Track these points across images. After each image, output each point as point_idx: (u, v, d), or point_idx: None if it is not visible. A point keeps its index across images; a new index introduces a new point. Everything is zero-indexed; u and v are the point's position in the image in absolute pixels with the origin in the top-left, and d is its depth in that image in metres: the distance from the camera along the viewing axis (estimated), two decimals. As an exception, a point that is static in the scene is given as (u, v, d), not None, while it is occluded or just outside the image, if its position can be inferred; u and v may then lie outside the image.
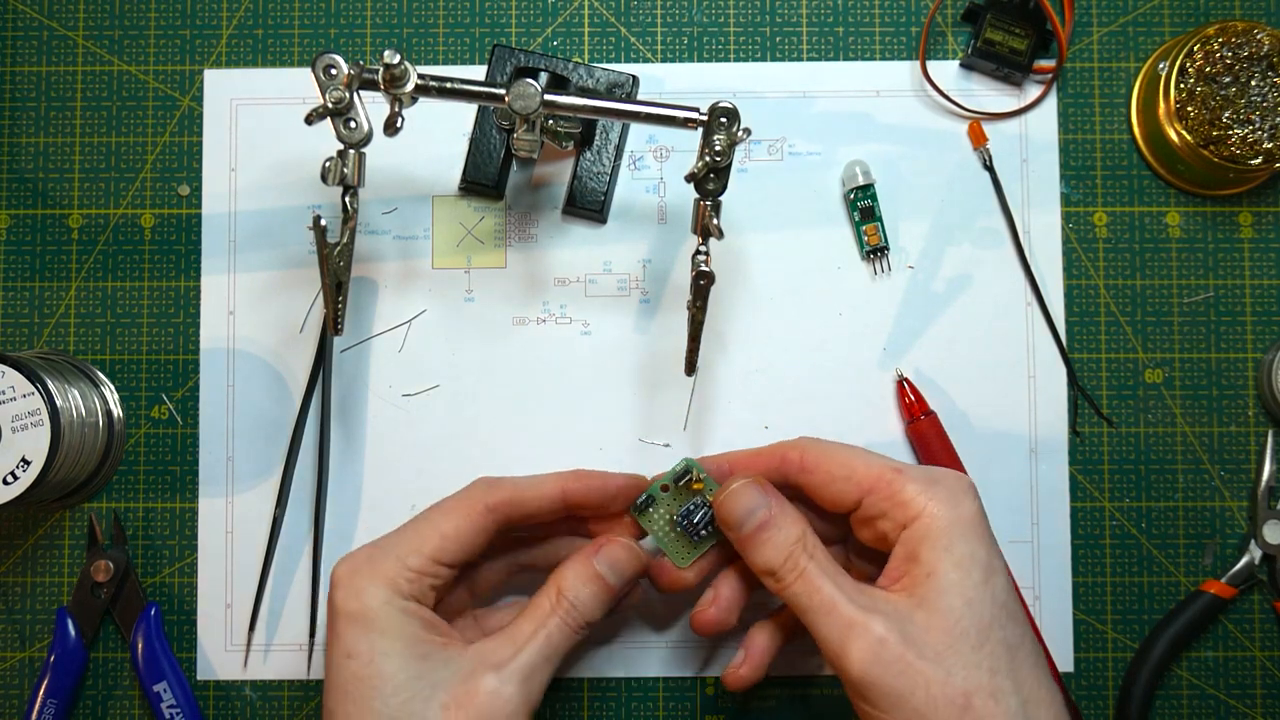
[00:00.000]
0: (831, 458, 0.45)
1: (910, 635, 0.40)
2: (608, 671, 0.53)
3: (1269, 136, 0.50)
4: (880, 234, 0.53)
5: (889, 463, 0.44)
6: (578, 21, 0.55)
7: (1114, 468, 0.53)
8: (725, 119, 0.44)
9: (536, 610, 0.44)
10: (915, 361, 0.53)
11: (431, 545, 0.44)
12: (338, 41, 0.55)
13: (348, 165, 0.46)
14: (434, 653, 0.42)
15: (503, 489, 0.45)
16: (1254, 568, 0.52)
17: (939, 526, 0.41)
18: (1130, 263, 0.54)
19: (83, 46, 0.55)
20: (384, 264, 0.54)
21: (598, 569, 0.45)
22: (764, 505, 0.44)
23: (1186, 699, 0.53)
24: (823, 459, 0.45)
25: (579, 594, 0.45)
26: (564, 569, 0.45)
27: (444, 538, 0.44)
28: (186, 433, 0.53)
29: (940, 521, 0.41)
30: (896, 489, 0.42)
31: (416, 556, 0.43)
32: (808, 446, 0.46)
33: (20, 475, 0.47)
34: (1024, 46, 0.53)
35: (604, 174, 0.52)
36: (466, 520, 0.44)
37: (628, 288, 0.54)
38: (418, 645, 0.42)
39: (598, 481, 0.47)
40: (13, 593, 0.53)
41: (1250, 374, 0.53)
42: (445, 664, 0.42)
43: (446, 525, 0.44)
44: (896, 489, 0.42)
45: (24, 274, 0.54)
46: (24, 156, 0.54)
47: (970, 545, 0.41)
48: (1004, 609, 0.41)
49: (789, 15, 0.55)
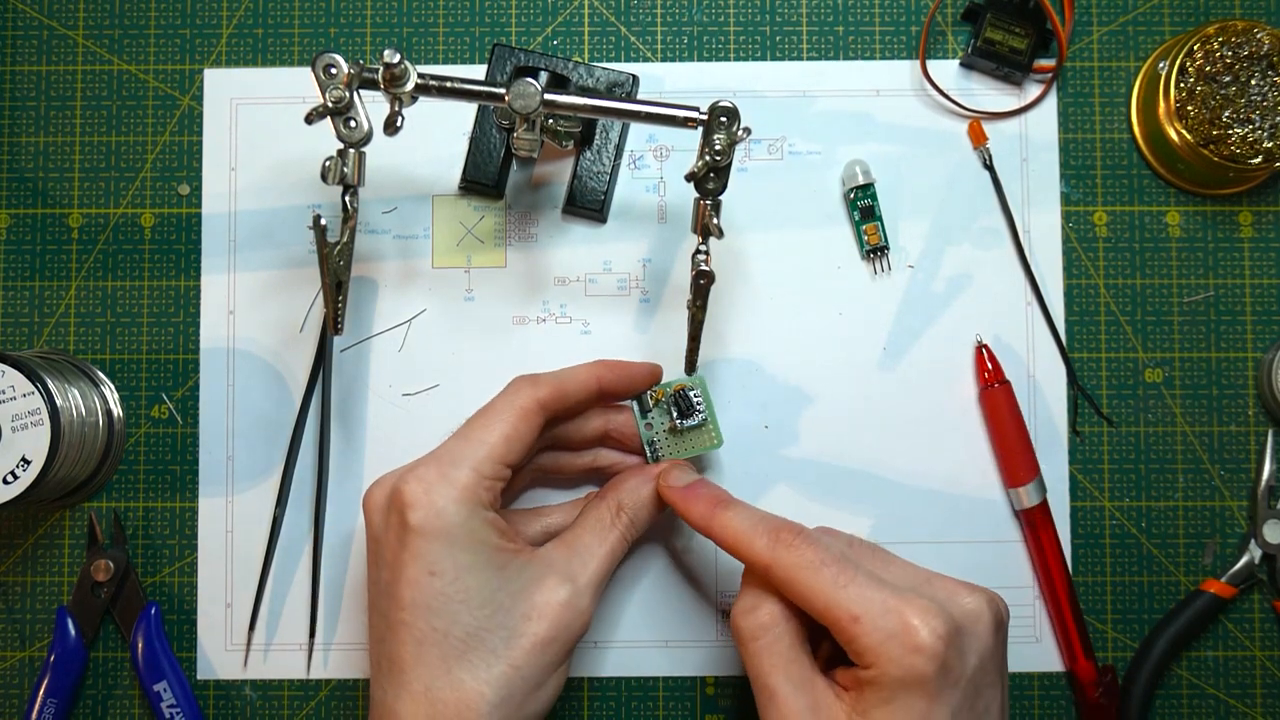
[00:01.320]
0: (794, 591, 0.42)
1: None
2: (608, 671, 0.53)
3: (1269, 136, 0.50)
4: (880, 233, 0.53)
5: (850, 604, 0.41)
6: (578, 21, 0.55)
7: (1114, 468, 0.53)
8: (725, 118, 0.44)
9: (598, 523, 0.47)
10: (915, 361, 0.53)
11: (499, 449, 0.44)
12: (338, 41, 0.55)
13: (348, 165, 0.46)
14: (509, 561, 0.44)
15: (547, 383, 0.46)
16: (1254, 567, 0.52)
17: (885, 682, 0.40)
18: (1130, 262, 0.54)
19: (83, 46, 0.55)
20: (384, 263, 0.54)
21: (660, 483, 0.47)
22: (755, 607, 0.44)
23: (1186, 699, 0.53)
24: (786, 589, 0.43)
25: (639, 510, 0.47)
26: (623, 485, 0.48)
27: (508, 439, 0.45)
28: (186, 432, 0.53)
29: (887, 678, 0.40)
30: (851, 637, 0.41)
31: (489, 463, 0.44)
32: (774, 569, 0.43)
33: (20, 475, 0.47)
34: (1024, 46, 0.53)
35: (604, 173, 0.52)
36: (523, 419, 0.45)
37: (628, 287, 0.54)
38: (496, 555, 0.43)
39: (624, 369, 0.49)
40: (13, 592, 0.53)
41: (1250, 374, 0.53)
42: (520, 572, 0.44)
43: (506, 427, 0.45)
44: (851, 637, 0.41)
45: (24, 274, 0.54)
46: (24, 156, 0.54)
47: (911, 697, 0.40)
48: None
49: (789, 15, 0.55)
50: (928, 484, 0.53)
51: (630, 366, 0.49)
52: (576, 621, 0.44)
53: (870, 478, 0.53)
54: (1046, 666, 0.52)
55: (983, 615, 0.42)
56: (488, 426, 0.45)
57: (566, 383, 0.47)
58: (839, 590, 0.41)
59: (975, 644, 0.41)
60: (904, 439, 0.53)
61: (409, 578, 0.43)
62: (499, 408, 0.46)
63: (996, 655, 0.42)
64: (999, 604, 0.43)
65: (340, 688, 0.53)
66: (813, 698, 0.41)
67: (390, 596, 0.43)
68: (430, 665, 0.42)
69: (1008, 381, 0.52)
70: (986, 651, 0.41)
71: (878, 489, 0.53)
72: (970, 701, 0.41)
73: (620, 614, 0.53)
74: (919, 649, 0.40)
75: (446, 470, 0.44)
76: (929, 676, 0.39)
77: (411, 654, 0.42)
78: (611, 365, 0.49)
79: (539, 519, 0.50)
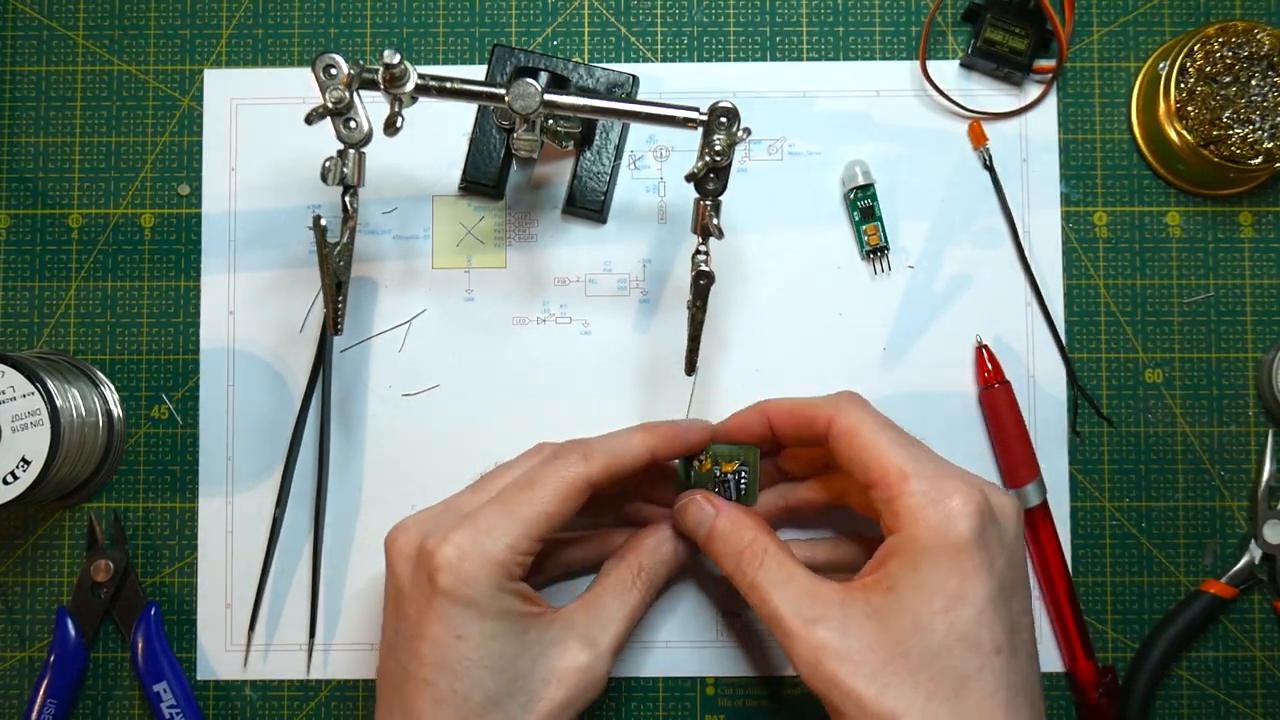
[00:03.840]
0: (852, 441, 0.44)
1: (849, 649, 0.40)
2: (608, 671, 0.53)
3: (1269, 136, 0.50)
4: (880, 234, 0.53)
5: (902, 462, 0.42)
6: (578, 21, 0.55)
7: (1114, 468, 0.53)
8: (725, 119, 0.44)
9: (619, 584, 0.46)
10: (915, 361, 0.53)
11: (538, 526, 0.43)
12: (338, 41, 0.55)
13: (348, 165, 0.46)
14: (532, 625, 0.43)
15: (599, 458, 0.45)
16: (1254, 568, 0.52)
17: (913, 548, 0.40)
18: (1130, 263, 0.54)
19: (83, 46, 0.55)
20: (384, 264, 0.54)
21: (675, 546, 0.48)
22: (707, 518, 0.46)
23: (1186, 699, 0.53)
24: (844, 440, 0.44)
25: (658, 570, 0.47)
26: (642, 544, 0.47)
27: (549, 516, 0.43)
28: (186, 433, 0.53)
29: (916, 543, 0.40)
30: (895, 495, 0.42)
31: (527, 540, 0.43)
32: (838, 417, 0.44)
33: (20, 475, 0.47)
34: (1024, 46, 0.53)
35: (604, 174, 0.52)
36: (570, 497, 0.44)
37: (628, 287, 0.54)
38: (520, 621, 0.43)
39: (677, 437, 0.47)
40: (13, 593, 0.53)
41: (1250, 374, 0.53)
42: (541, 635, 0.43)
43: (550, 505, 0.43)
44: (895, 495, 0.42)
45: (24, 274, 0.54)
46: (24, 156, 0.54)
47: (940, 573, 0.40)
48: (963, 640, 0.39)
49: (789, 15, 0.55)
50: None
51: (684, 433, 0.48)
52: (595, 686, 0.44)
53: (870, 478, 0.53)
54: (1046, 666, 0.52)
55: (1013, 512, 0.43)
56: (530, 501, 0.43)
57: (620, 457, 0.45)
58: (897, 448, 0.42)
59: (1005, 538, 0.42)
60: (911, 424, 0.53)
61: (432, 636, 0.42)
62: (546, 479, 0.44)
63: (1021, 562, 0.43)
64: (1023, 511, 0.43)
65: (340, 688, 0.53)
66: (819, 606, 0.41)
67: (410, 651, 0.42)
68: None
69: (1008, 382, 0.52)
70: (1016, 551, 0.42)
71: (878, 489, 0.53)
72: (1006, 597, 0.41)
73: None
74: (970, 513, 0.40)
75: (482, 541, 0.42)
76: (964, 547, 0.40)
77: (429, 712, 0.42)
78: (664, 434, 0.47)
79: (559, 555, 0.50)
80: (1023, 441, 0.52)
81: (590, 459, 0.44)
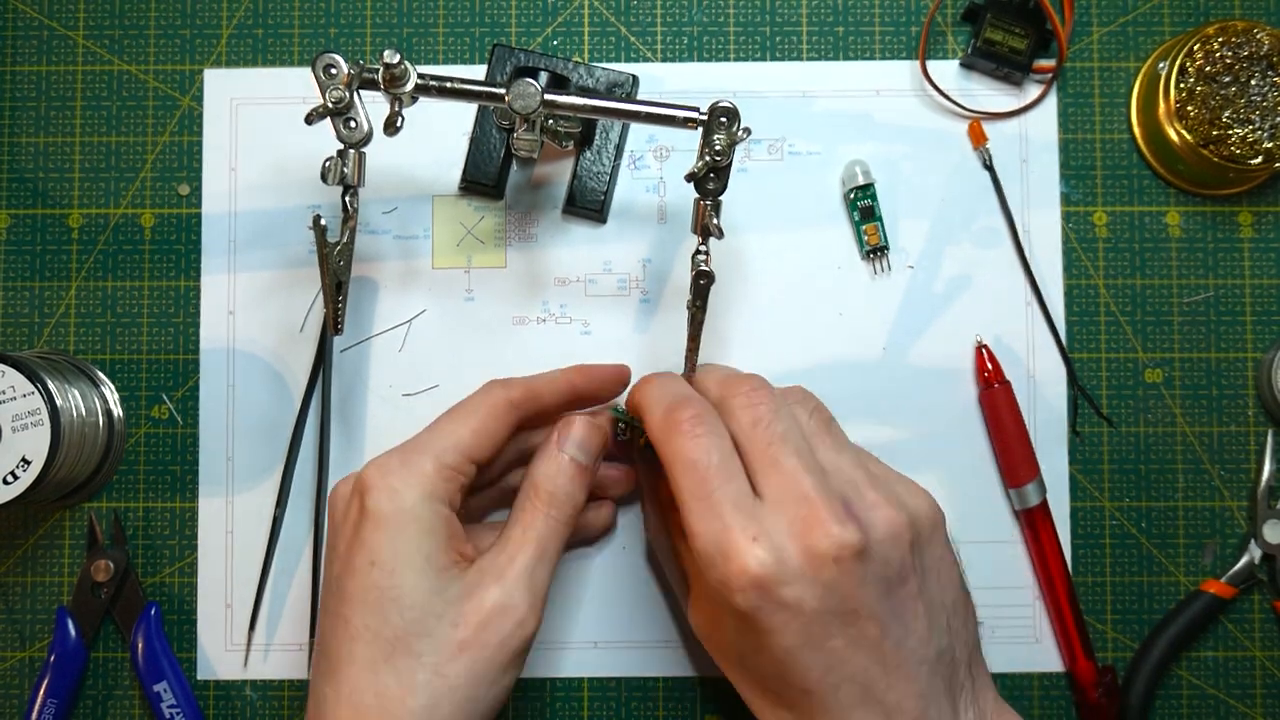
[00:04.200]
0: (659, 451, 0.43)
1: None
2: (608, 671, 0.53)
3: (1269, 136, 0.50)
4: (880, 234, 0.53)
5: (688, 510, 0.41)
6: (578, 21, 0.55)
7: (1114, 468, 0.53)
8: (725, 119, 0.44)
9: (520, 513, 0.45)
10: (915, 361, 0.53)
11: (465, 441, 0.44)
12: (338, 41, 0.55)
13: (348, 165, 0.46)
14: (451, 566, 0.43)
15: (519, 384, 0.46)
16: (1254, 568, 0.52)
17: (710, 599, 0.43)
18: (1130, 263, 0.54)
19: (83, 46, 0.55)
20: (384, 264, 0.54)
21: (566, 454, 0.45)
22: None
23: (1186, 699, 0.53)
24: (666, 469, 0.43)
25: (555, 484, 0.45)
26: (535, 465, 0.46)
27: (475, 433, 0.44)
28: (186, 433, 0.53)
29: (711, 598, 0.42)
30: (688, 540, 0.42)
31: (452, 453, 0.43)
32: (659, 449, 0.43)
33: (20, 475, 0.47)
34: (1024, 46, 0.53)
35: (604, 174, 0.52)
36: (492, 415, 0.45)
37: (628, 288, 0.54)
38: (439, 555, 0.42)
39: (598, 372, 0.49)
40: (13, 593, 0.53)
41: (1250, 374, 0.53)
42: (456, 580, 0.42)
43: (474, 421, 0.44)
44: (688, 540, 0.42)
45: (24, 274, 0.54)
46: (24, 156, 0.54)
47: (737, 630, 0.42)
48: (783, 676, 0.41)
49: (789, 15, 0.55)
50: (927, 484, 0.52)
51: (603, 370, 0.49)
52: (508, 623, 0.42)
53: (870, 478, 0.53)
54: (1046, 667, 0.52)
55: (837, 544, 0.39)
56: (456, 420, 0.45)
57: (540, 385, 0.47)
58: (688, 481, 0.41)
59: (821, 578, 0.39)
60: (904, 439, 0.53)
61: (353, 567, 0.42)
62: (469, 404, 0.46)
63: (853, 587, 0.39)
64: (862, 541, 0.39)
65: (340, 688, 0.53)
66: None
67: (336, 591, 0.43)
68: (358, 665, 0.41)
69: (1008, 382, 0.52)
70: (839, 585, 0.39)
71: (878, 489, 0.53)
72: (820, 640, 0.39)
73: (620, 614, 0.53)
74: (732, 589, 0.39)
75: (409, 457, 0.43)
76: (745, 615, 0.39)
77: (345, 652, 0.42)
78: (585, 370, 0.49)
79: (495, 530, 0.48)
80: (1023, 441, 0.52)
81: (510, 385, 0.46)
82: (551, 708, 0.52)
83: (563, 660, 0.52)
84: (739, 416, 0.42)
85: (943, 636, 0.42)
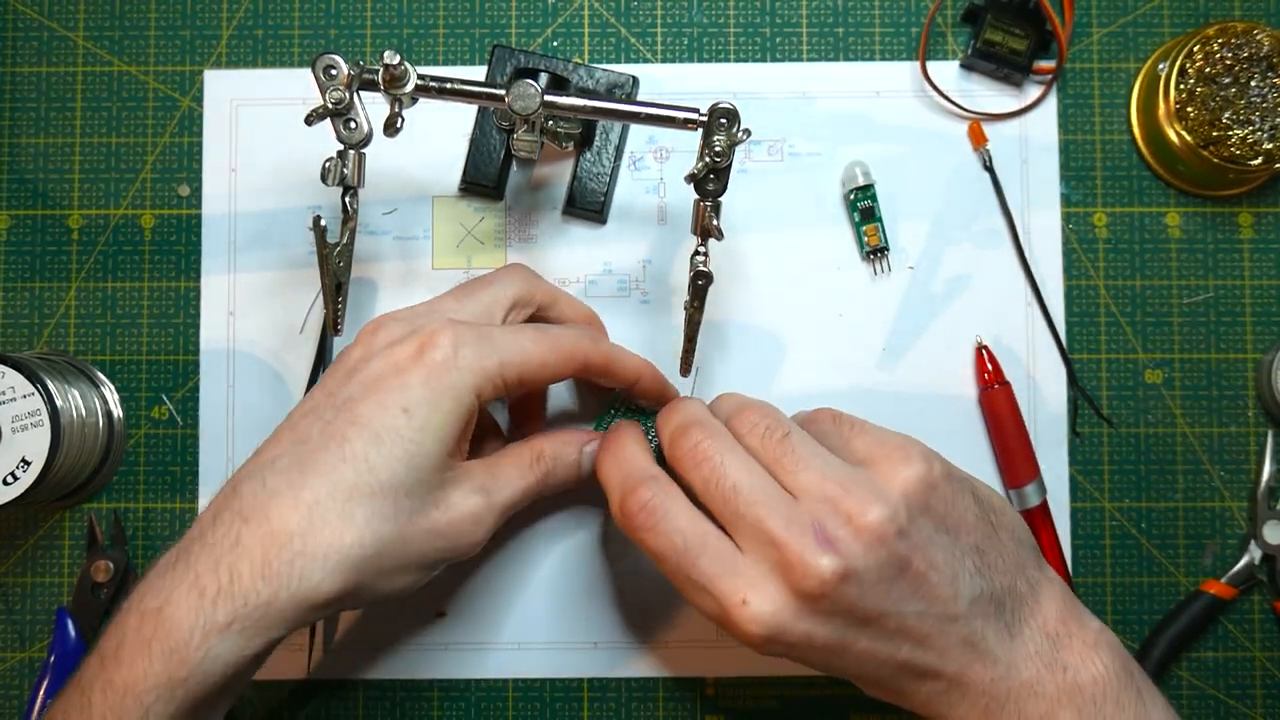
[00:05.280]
0: None
1: None
2: (608, 671, 0.53)
3: (1269, 137, 0.50)
4: (880, 234, 0.53)
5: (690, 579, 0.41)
6: (578, 22, 0.55)
7: (1114, 468, 0.53)
8: (725, 119, 0.44)
9: (519, 460, 0.46)
10: (915, 362, 0.53)
11: (531, 370, 0.43)
12: (338, 41, 0.55)
13: (348, 166, 0.46)
14: (455, 454, 0.43)
15: (602, 355, 0.46)
16: (1254, 568, 0.52)
17: None
18: (1130, 263, 0.54)
19: (83, 46, 0.55)
20: (384, 264, 0.54)
21: (581, 459, 0.47)
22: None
23: (1186, 699, 0.53)
24: None
25: (556, 465, 0.46)
26: (553, 438, 0.47)
27: (543, 367, 0.44)
28: (186, 433, 0.53)
29: None
30: None
31: (516, 370, 0.43)
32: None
33: (20, 475, 0.48)
34: (1024, 47, 0.53)
35: (604, 174, 0.52)
36: (567, 365, 0.44)
37: (628, 288, 0.54)
38: (455, 439, 0.42)
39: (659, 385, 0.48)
40: (13, 593, 0.53)
41: (1250, 374, 0.53)
42: (450, 468, 0.42)
43: (551, 358, 0.44)
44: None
45: (24, 274, 0.54)
46: (24, 156, 0.54)
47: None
48: None
49: (789, 15, 0.55)
50: (928, 485, 0.53)
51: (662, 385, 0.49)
52: (470, 537, 0.43)
53: (870, 478, 0.53)
54: (1046, 667, 0.52)
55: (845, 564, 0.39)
56: (539, 340, 0.44)
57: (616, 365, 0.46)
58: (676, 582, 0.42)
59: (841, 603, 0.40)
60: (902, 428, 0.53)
61: (380, 400, 0.41)
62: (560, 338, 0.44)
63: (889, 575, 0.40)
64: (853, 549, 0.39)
65: (340, 688, 0.53)
66: None
67: (347, 409, 0.41)
68: (335, 486, 0.40)
69: (1008, 383, 0.52)
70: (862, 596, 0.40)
71: (878, 490, 0.53)
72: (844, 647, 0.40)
73: (620, 614, 0.53)
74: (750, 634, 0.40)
75: (484, 344, 0.42)
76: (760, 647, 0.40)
77: (328, 466, 0.40)
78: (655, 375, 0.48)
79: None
80: (1023, 442, 0.52)
81: (597, 347, 0.46)
82: (551, 708, 0.53)
83: (563, 660, 0.52)
84: (691, 479, 0.42)
85: (972, 583, 0.41)
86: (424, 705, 0.53)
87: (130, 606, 0.39)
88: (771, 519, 0.40)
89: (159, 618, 0.38)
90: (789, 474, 0.41)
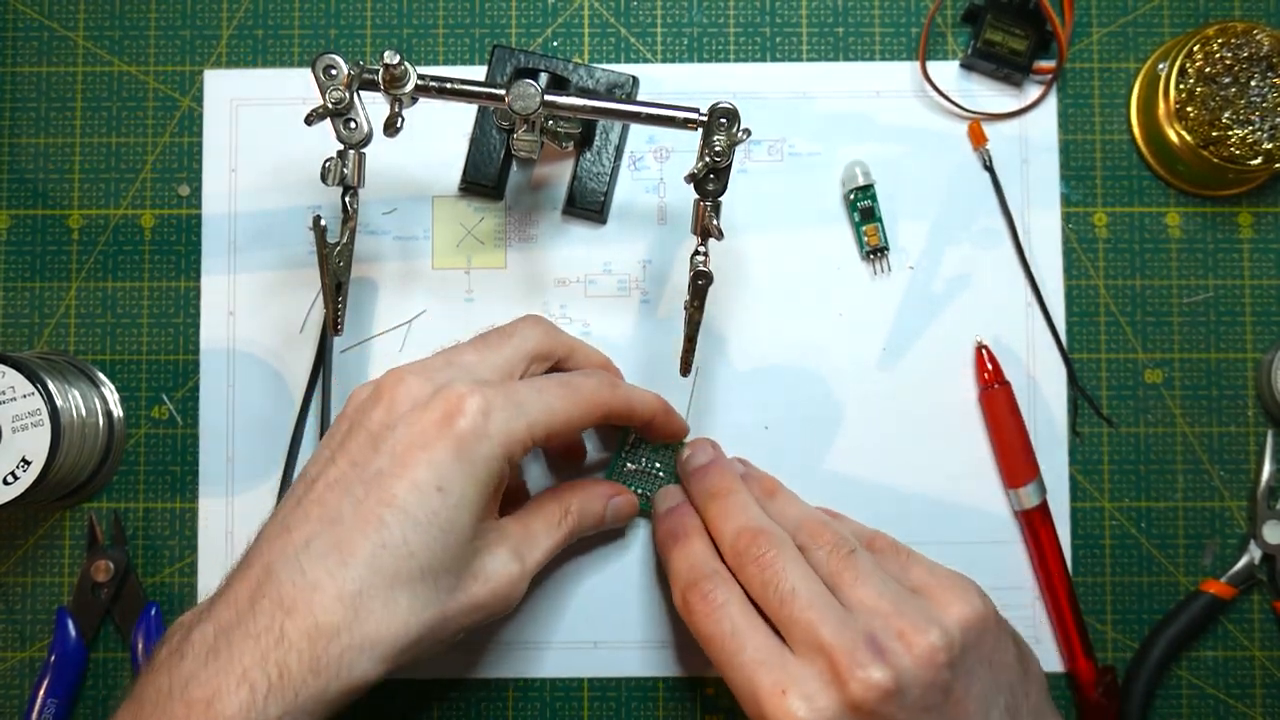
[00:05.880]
0: None
1: None
2: (608, 671, 0.53)
3: (1269, 137, 0.50)
4: (880, 234, 0.53)
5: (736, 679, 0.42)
6: (578, 22, 0.55)
7: (1114, 468, 0.53)
8: (725, 119, 0.44)
9: (549, 517, 0.47)
10: (915, 362, 0.53)
11: (557, 424, 0.43)
12: (338, 41, 0.55)
13: (348, 166, 0.46)
14: (486, 517, 0.43)
15: (620, 399, 0.46)
16: (1254, 568, 0.52)
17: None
18: (1130, 263, 0.54)
19: (83, 46, 0.55)
20: (384, 264, 0.54)
21: (606, 511, 0.49)
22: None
23: (1186, 699, 0.53)
24: None
25: (583, 520, 0.48)
26: (579, 492, 0.48)
27: (568, 423, 0.44)
28: (186, 433, 0.53)
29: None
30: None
31: (544, 428, 0.43)
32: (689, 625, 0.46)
33: (20, 475, 0.48)
34: (1024, 47, 0.53)
35: (604, 174, 0.52)
36: (590, 414, 0.45)
37: (628, 288, 0.54)
38: (484, 509, 0.42)
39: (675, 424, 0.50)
40: (13, 593, 0.53)
41: (1250, 374, 0.53)
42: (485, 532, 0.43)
43: (575, 411, 0.44)
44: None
45: (24, 274, 0.54)
46: (24, 157, 0.54)
47: None
48: None
49: (789, 15, 0.55)
50: (927, 484, 0.53)
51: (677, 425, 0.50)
52: (511, 600, 0.44)
53: (869, 478, 0.53)
54: (1046, 667, 0.52)
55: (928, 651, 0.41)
56: (564, 398, 0.44)
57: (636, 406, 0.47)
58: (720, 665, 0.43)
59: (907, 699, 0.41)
60: (904, 440, 0.53)
61: (415, 480, 0.40)
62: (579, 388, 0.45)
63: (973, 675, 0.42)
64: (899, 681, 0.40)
65: (340, 688, 0.53)
66: None
67: (378, 486, 0.40)
68: (377, 574, 0.39)
69: (1008, 382, 0.52)
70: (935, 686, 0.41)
71: (877, 489, 0.53)
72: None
73: (621, 615, 0.53)
74: None
75: (512, 408, 0.42)
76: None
77: (367, 553, 0.39)
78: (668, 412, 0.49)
79: None
80: (1023, 442, 0.52)
81: (615, 394, 0.46)
82: (551, 708, 0.53)
83: (563, 660, 0.52)
84: (751, 581, 0.44)
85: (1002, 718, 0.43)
86: (424, 705, 0.53)
87: (173, 691, 0.38)
88: (825, 625, 0.41)
89: (209, 713, 0.37)
90: (848, 587, 0.43)
